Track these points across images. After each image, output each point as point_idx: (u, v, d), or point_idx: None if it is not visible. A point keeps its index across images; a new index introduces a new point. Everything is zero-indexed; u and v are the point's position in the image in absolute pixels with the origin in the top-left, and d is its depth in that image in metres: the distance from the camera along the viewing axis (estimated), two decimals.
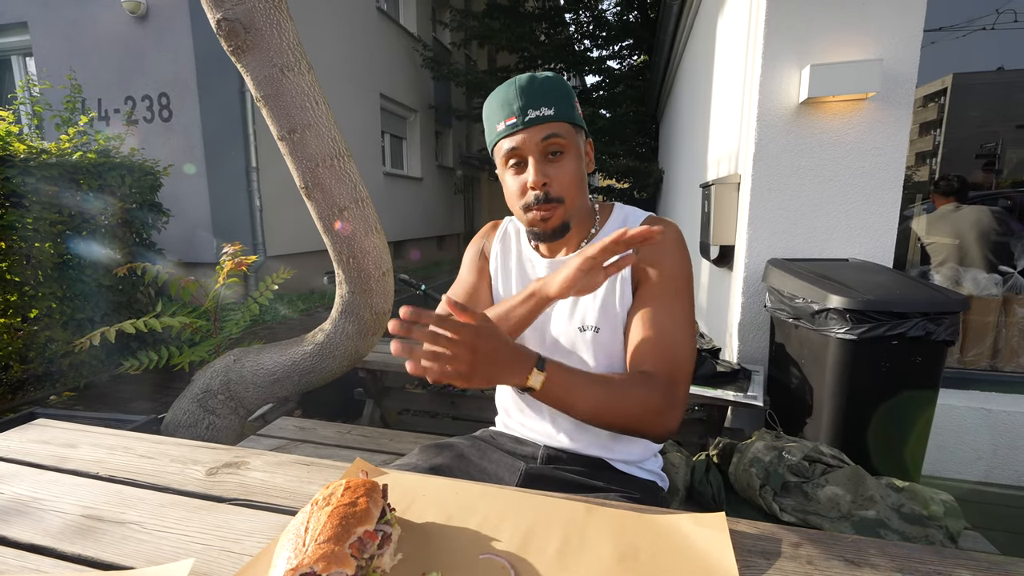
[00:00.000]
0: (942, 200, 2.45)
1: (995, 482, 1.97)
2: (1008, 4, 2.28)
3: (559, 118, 0.77)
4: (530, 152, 0.77)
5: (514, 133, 0.78)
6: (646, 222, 0.84)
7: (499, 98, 0.79)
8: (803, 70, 1.84)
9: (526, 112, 0.76)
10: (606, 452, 0.86)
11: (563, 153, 0.78)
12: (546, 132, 0.76)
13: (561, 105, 0.77)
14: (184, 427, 1.55)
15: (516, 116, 0.77)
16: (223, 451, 0.81)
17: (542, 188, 0.78)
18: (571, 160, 0.79)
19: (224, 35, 1.21)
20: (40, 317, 2.78)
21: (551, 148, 0.77)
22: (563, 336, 0.85)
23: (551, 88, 0.78)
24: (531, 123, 0.76)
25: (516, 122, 0.77)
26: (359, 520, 0.49)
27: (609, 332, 0.82)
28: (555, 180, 0.78)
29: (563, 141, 0.78)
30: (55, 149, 2.86)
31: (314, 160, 1.30)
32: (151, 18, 4.77)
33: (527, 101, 0.76)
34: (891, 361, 1.38)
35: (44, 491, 0.69)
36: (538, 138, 0.76)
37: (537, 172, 0.77)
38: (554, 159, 0.78)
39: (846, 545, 0.58)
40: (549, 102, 0.76)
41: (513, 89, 0.78)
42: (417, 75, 8.85)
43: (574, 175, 0.79)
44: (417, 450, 0.91)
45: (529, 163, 0.78)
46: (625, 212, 0.89)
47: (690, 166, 4.21)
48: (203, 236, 4.92)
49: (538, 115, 0.76)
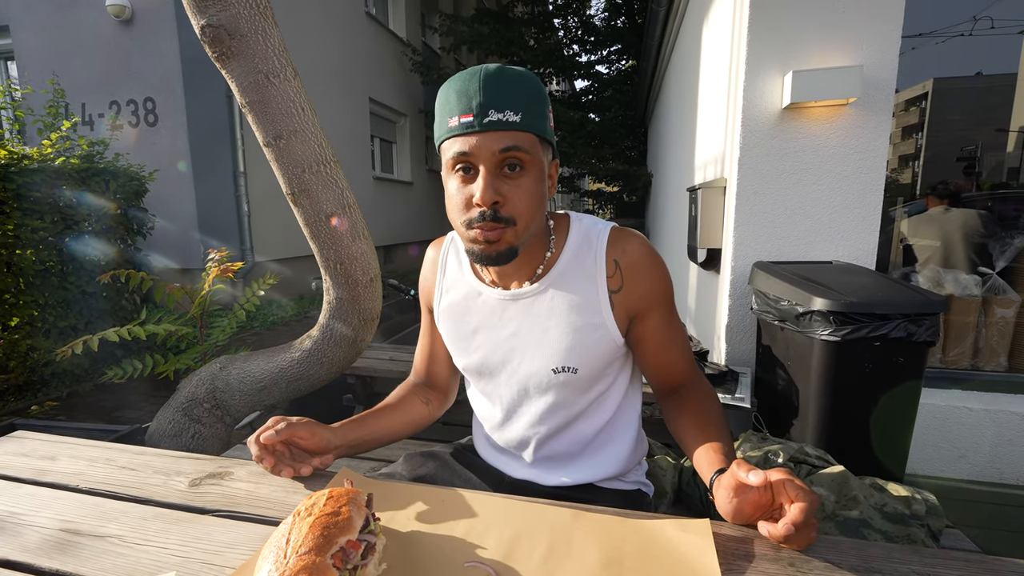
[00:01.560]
0: (936, 202, 2.48)
1: (977, 479, 2.00)
2: (985, 11, 2.34)
3: (525, 127, 0.64)
4: (483, 161, 0.64)
5: (468, 134, 0.63)
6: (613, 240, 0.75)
7: (457, 86, 0.65)
8: (786, 76, 1.86)
9: (486, 112, 0.62)
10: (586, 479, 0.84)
11: (523, 169, 0.65)
12: (507, 142, 0.63)
13: (530, 112, 0.64)
14: (169, 437, 1.53)
15: (474, 114, 0.63)
16: (207, 461, 0.80)
17: (491, 206, 0.64)
18: (531, 179, 0.66)
19: (208, 41, 1.20)
20: (21, 325, 2.73)
21: (509, 161, 0.64)
22: (534, 379, 0.77)
23: (522, 88, 0.64)
24: (490, 127, 0.62)
25: (472, 122, 0.63)
26: (341, 530, 0.49)
27: (588, 372, 0.76)
28: (509, 199, 0.65)
29: (525, 156, 0.64)
30: (37, 155, 2.82)
31: (300, 166, 1.30)
32: (136, 22, 4.72)
33: (489, 99, 0.62)
34: (874, 362, 1.40)
35: (21, 505, 0.68)
36: (496, 147, 0.63)
37: (487, 187, 0.63)
38: (511, 174, 0.65)
39: (827, 546, 0.58)
40: (516, 105, 0.63)
41: (476, 81, 0.63)
42: (406, 80, 8.85)
43: (532, 196, 0.66)
44: (401, 459, 0.89)
45: (480, 174, 0.64)
46: (584, 227, 0.77)
47: (678, 170, 4.25)
48: (190, 241, 4.87)
49: (500, 119, 0.62)
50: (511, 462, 0.87)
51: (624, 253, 0.74)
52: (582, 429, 0.81)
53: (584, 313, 0.74)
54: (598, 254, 0.74)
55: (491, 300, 0.78)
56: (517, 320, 0.77)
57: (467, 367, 0.84)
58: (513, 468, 0.87)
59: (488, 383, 0.83)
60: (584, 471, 0.83)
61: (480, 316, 0.80)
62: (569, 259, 0.75)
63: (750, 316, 2.04)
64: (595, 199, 10.41)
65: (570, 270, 0.75)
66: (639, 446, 0.88)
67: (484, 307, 0.79)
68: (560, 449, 0.82)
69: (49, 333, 2.82)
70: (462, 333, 0.82)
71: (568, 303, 0.74)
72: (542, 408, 0.79)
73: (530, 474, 0.85)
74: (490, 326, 0.79)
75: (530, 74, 0.67)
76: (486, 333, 0.80)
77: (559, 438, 0.82)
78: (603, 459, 0.83)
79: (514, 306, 0.77)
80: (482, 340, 0.80)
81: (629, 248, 0.74)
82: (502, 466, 0.89)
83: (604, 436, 0.83)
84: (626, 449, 0.85)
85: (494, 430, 0.87)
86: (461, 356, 0.84)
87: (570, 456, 0.83)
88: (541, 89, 0.67)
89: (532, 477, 0.85)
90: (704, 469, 0.68)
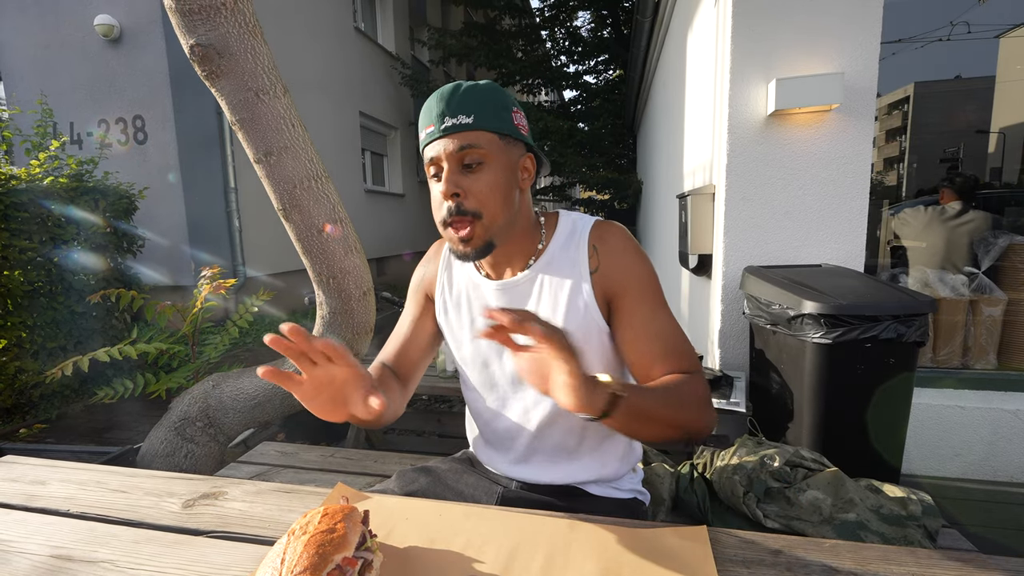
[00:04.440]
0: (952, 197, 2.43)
1: (973, 478, 2.01)
2: (961, 17, 2.40)
3: (479, 126, 0.73)
4: (445, 161, 0.73)
5: (432, 141, 0.74)
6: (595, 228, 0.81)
7: (426, 105, 0.76)
8: (769, 84, 1.90)
9: (443, 119, 0.72)
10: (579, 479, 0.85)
11: (482, 164, 0.74)
12: (462, 141, 0.72)
13: (483, 113, 0.73)
14: (161, 457, 1.51)
15: (435, 123, 0.73)
16: (200, 481, 0.79)
17: (453, 199, 0.73)
18: (491, 172, 0.74)
19: (198, 60, 1.21)
20: (9, 347, 2.69)
21: (467, 159, 0.73)
22: None
23: (475, 96, 0.73)
24: (447, 131, 0.72)
25: (434, 130, 0.73)
26: (336, 547, 0.49)
27: None
28: (470, 192, 0.73)
29: (480, 151, 0.73)
30: (25, 175, 2.80)
31: (291, 182, 1.30)
32: (125, 41, 4.72)
33: (446, 108, 0.72)
34: (866, 363, 1.41)
35: (11, 532, 0.67)
36: (452, 147, 0.72)
37: (446, 181, 0.73)
38: (471, 170, 0.74)
39: (824, 550, 0.59)
40: (469, 110, 0.72)
41: (435, 98, 0.74)
42: (396, 93, 8.89)
43: (493, 187, 0.74)
44: (394, 476, 0.89)
45: (443, 174, 0.74)
46: (572, 220, 0.85)
47: (667, 177, 4.29)
48: (181, 257, 4.83)
49: (455, 123, 0.72)
50: (504, 458, 0.89)
51: (601, 239, 0.80)
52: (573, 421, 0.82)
53: (569, 294, 0.79)
54: (581, 241, 0.80)
55: (488, 290, 0.84)
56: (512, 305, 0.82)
57: (466, 357, 0.88)
58: (506, 466, 0.88)
59: (483, 372, 0.87)
60: (577, 470, 0.84)
61: (478, 306, 0.86)
62: (557, 249, 0.82)
63: (742, 321, 2.05)
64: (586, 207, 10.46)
65: (557, 258, 0.81)
66: (632, 448, 0.90)
67: (481, 298, 0.86)
68: (552, 442, 0.84)
69: (38, 354, 2.78)
70: (463, 323, 0.87)
71: (555, 287, 0.80)
72: (533, 395, 0.82)
73: (523, 472, 0.86)
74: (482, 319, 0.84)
75: (490, 85, 0.76)
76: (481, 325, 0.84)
77: (551, 429, 0.83)
78: (596, 457, 0.85)
79: (507, 294, 0.83)
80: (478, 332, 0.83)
81: (607, 234, 0.81)
82: (495, 463, 0.90)
83: (595, 432, 0.84)
84: (619, 449, 0.87)
85: (489, 422, 0.89)
86: (461, 347, 0.88)
87: (563, 451, 0.84)
88: (498, 95, 0.75)
89: (525, 475, 0.86)
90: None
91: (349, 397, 0.62)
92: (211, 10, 1.19)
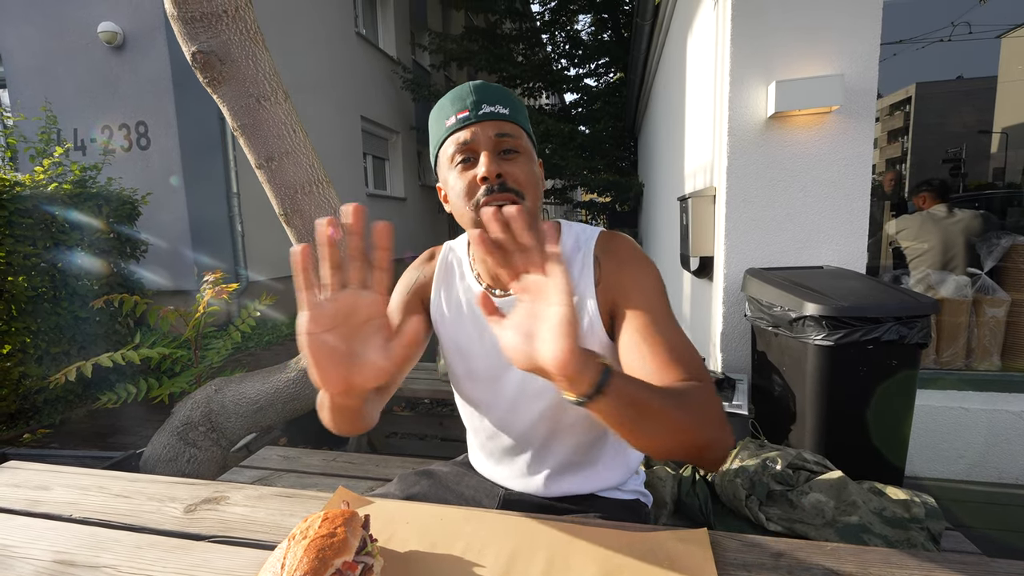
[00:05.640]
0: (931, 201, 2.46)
1: (977, 480, 2.00)
2: (962, 17, 2.40)
3: (514, 119, 0.72)
4: (483, 146, 0.69)
5: (465, 127, 0.70)
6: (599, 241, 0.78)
7: (451, 95, 0.74)
8: (769, 86, 1.90)
9: (480, 106, 0.70)
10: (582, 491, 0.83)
11: (518, 153, 0.71)
12: (501, 128, 0.70)
13: (516, 110, 0.73)
14: (164, 462, 1.52)
15: (469, 110, 0.70)
16: (202, 486, 0.79)
17: (496, 179, 0.69)
18: (528, 162, 0.72)
19: (199, 67, 1.22)
20: (13, 353, 2.70)
21: (505, 145, 0.70)
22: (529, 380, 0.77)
23: (505, 93, 0.73)
24: (485, 117, 0.70)
25: (469, 115, 0.70)
26: (336, 551, 0.49)
27: None
28: (512, 175, 0.69)
29: (518, 143, 0.71)
30: (29, 181, 2.82)
31: (292, 187, 1.31)
32: (128, 47, 4.76)
33: (481, 97, 0.71)
34: (868, 365, 1.41)
35: (14, 537, 0.67)
36: (491, 132, 0.70)
37: (491, 162, 0.68)
38: (508, 157, 0.71)
39: (826, 553, 0.58)
40: (505, 102, 0.72)
41: (467, 87, 0.72)
42: (398, 97, 8.93)
43: (531, 175, 0.72)
44: (395, 480, 0.88)
45: (481, 158, 0.69)
46: (574, 232, 0.81)
47: (668, 179, 4.29)
48: (184, 262, 4.85)
49: (492, 111, 0.70)
50: (507, 473, 0.87)
51: (606, 250, 0.77)
52: (578, 436, 0.81)
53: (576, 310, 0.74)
54: (587, 253, 0.77)
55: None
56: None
57: (471, 372, 0.84)
58: (509, 480, 0.87)
59: (488, 388, 0.83)
60: (581, 482, 0.83)
61: (484, 321, 0.79)
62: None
63: (744, 323, 2.05)
64: (588, 210, 10.47)
65: None
66: (635, 453, 0.89)
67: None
68: (556, 458, 0.82)
69: (41, 360, 2.80)
70: (468, 339, 0.82)
71: None
72: (539, 409, 0.79)
73: (527, 485, 0.85)
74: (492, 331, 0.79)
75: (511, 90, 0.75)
76: (490, 337, 0.79)
77: (555, 445, 0.81)
78: (600, 468, 0.83)
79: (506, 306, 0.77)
80: (486, 344, 0.80)
81: (612, 244, 0.78)
82: (498, 478, 0.88)
83: (600, 444, 0.82)
84: (623, 458, 0.85)
85: (491, 438, 0.86)
86: (465, 361, 0.84)
87: (567, 466, 0.83)
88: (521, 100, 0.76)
89: (529, 488, 0.84)
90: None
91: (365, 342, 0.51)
92: (213, 17, 1.20)
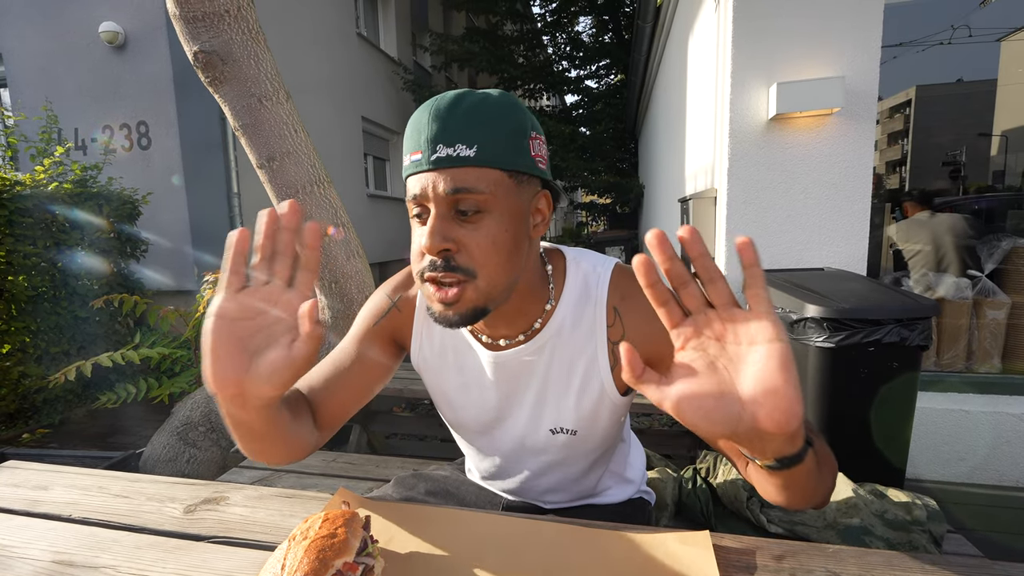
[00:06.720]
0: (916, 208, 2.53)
1: (978, 483, 2.00)
2: (962, 20, 2.40)
3: (482, 161, 0.53)
4: (433, 203, 0.54)
5: (418, 173, 0.55)
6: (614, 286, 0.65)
7: (414, 119, 0.56)
8: (770, 88, 1.90)
9: (434, 148, 0.53)
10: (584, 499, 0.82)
11: (481, 212, 0.55)
12: (456, 183, 0.53)
13: (492, 144, 0.53)
14: (164, 462, 1.52)
15: (423, 151, 0.54)
16: (202, 486, 0.79)
17: (440, 254, 0.55)
18: (494, 222, 0.55)
19: (201, 67, 1.22)
20: (13, 352, 2.70)
21: (463, 205, 0.54)
22: (530, 439, 0.72)
23: (481, 118, 0.53)
24: (438, 164, 0.53)
25: (421, 159, 0.54)
26: (337, 552, 0.49)
27: (586, 433, 0.69)
28: (464, 246, 0.55)
29: (481, 197, 0.54)
30: (30, 181, 2.82)
31: (293, 187, 1.31)
32: (129, 47, 4.77)
33: (440, 132, 0.53)
34: (869, 367, 1.41)
35: (13, 537, 0.67)
36: (445, 187, 0.53)
37: (433, 233, 0.54)
38: (468, 218, 0.55)
39: (827, 555, 0.58)
40: (471, 138, 0.53)
41: (426, 117, 0.54)
42: (398, 98, 8.94)
43: (496, 243, 0.55)
44: (392, 482, 0.86)
45: (428, 222, 0.55)
46: (583, 272, 0.67)
47: (669, 181, 4.29)
48: (184, 261, 4.86)
49: (449, 154, 0.52)
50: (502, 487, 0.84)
51: (623, 298, 0.65)
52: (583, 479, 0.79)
53: (583, 373, 0.66)
54: (598, 304, 0.65)
55: (484, 357, 0.69)
56: (512, 380, 0.69)
57: (457, 423, 0.77)
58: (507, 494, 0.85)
59: (479, 439, 0.77)
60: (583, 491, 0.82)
61: (472, 373, 0.71)
62: (567, 312, 0.66)
63: None
64: (588, 211, 10.49)
65: (568, 325, 0.66)
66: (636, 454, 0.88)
67: (476, 363, 0.70)
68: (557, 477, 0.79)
69: (41, 359, 2.80)
70: (453, 388, 0.74)
71: (567, 362, 0.66)
72: (539, 464, 0.75)
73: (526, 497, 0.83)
74: (483, 385, 0.71)
75: (503, 99, 0.56)
76: (479, 391, 0.72)
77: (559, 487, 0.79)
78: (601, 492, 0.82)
79: (509, 365, 0.68)
80: (475, 397, 0.72)
81: (629, 292, 0.65)
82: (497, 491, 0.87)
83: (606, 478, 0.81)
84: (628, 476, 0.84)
85: (488, 479, 0.84)
86: (449, 411, 0.76)
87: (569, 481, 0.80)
88: (515, 114, 0.56)
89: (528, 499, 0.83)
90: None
91: (270, 340, 0.47)
92: (214, 17, 1.20)
